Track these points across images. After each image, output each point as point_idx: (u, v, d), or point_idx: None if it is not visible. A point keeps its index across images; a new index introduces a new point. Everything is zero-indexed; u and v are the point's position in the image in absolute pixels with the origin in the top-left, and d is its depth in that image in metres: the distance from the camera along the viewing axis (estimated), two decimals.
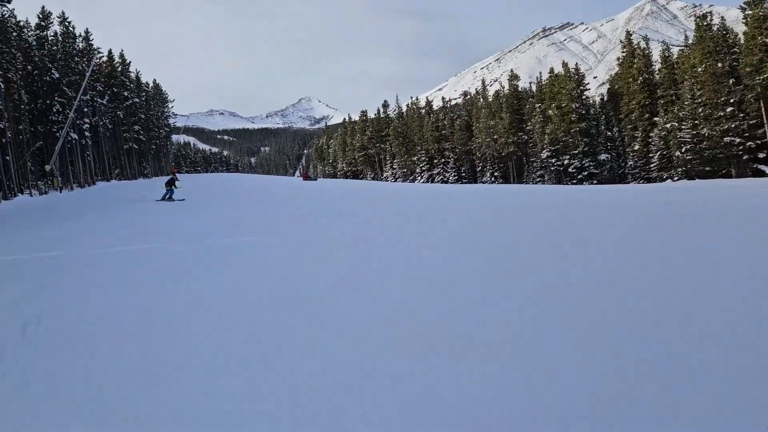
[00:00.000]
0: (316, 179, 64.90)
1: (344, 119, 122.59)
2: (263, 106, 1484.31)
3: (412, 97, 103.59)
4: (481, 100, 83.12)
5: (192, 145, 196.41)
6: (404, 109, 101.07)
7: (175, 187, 27.16)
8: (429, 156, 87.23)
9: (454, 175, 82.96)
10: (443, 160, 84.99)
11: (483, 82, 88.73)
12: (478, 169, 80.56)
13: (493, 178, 76.12)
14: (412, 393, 4.24)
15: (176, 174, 49.19)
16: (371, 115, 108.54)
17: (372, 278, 8.22)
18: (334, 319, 6.19)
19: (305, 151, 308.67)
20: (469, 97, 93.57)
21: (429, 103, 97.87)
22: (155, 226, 16.70)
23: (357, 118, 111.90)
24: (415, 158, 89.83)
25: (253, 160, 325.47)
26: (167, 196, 26.88)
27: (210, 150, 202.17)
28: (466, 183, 76.46)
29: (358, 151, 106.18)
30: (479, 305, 6.46)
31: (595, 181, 61.62)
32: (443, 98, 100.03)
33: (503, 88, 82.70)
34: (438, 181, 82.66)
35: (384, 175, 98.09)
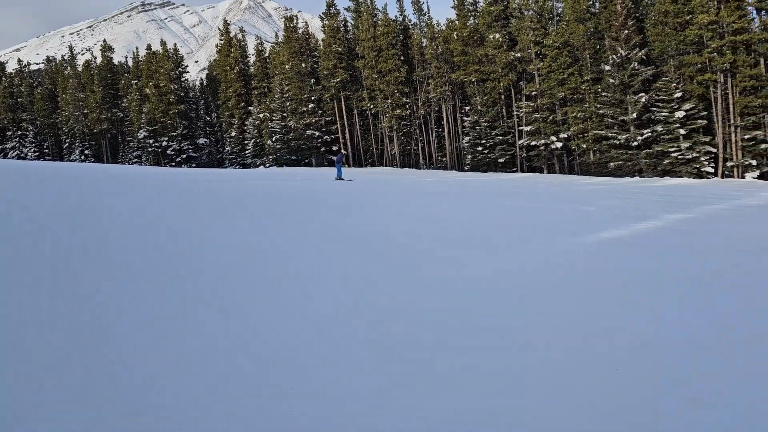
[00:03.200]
0: None
1: None
2: None
3: None
4: (69, 69, 74.37)
5: None
6: None
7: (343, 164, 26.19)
8: (1, 127, 73.74)
9: (35, 151, 72.23)
10: (20, 132, 73.01)
11: (71, 49, 79.11)
12: (65, 146, 71.98)
13: (83, 157, 69.07)
14: None
15: None
16: None
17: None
18: None
19: None
20: (54, 63, 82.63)
21: (2, 65, 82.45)
22: None
23: None
24: None
25: None
26: (340, 176, 24.79)
27: None
28: (50, 160, 67.36)
29: None
30: None
31: (194, 165, 62.08)
32: (20, 60, 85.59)
33: (95, 58, 75.68)
34: (13, 157, 70.56)
35: None
